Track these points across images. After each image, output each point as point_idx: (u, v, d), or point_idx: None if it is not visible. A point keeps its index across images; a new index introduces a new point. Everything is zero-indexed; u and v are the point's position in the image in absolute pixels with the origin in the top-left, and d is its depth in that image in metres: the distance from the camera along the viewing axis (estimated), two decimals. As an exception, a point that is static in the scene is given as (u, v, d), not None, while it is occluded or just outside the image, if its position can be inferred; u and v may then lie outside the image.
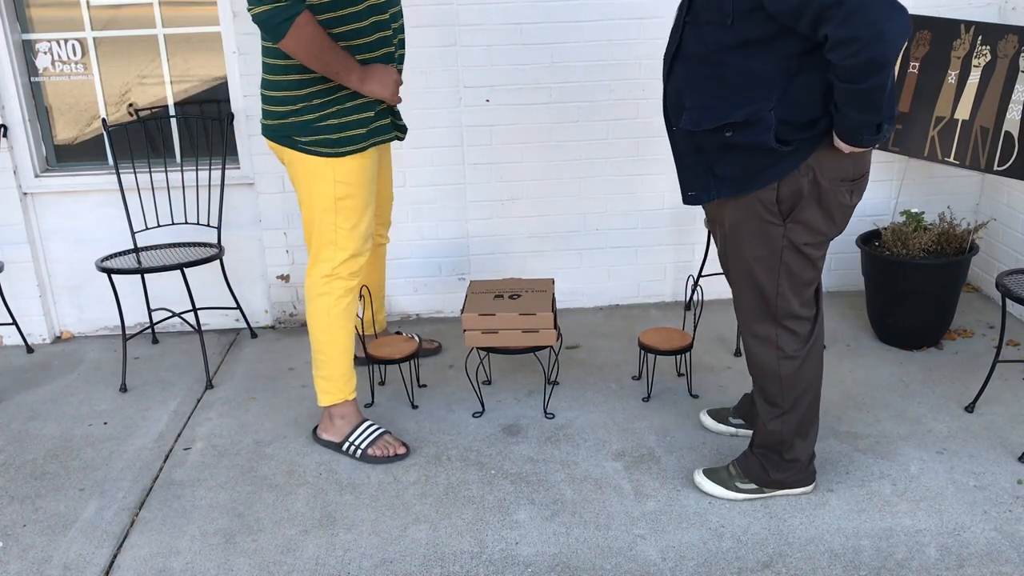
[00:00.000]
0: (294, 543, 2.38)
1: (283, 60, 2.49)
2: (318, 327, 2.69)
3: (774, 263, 2.23)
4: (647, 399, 3.05)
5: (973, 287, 3.91)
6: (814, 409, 2.39)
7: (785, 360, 2.32)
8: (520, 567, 2.25)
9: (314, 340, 2.71)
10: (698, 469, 2.58)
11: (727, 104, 2.10)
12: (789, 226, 2.19)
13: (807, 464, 2.44)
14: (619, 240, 3.83)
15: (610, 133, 3.66)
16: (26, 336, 3.74)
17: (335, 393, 2.74)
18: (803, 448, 2.41)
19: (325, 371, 2.72)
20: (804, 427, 2.39)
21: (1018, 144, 3.06)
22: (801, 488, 2.47)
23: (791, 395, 2.34)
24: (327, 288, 2.65)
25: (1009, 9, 3.57)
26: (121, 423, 3.06)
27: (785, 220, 2.18)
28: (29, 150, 3.58)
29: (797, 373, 2.32)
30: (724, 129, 2.12)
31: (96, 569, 2.31)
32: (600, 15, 3.52)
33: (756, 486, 2.46)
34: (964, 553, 2.23)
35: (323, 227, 2.61)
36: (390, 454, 2.73)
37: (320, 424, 2.84)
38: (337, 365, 2.71)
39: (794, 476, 2.43)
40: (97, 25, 3.54)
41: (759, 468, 2.44)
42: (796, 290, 2.27)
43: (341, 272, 2.65)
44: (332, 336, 2.68)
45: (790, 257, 2.22)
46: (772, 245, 2.22)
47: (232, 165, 3.67)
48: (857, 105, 1.97)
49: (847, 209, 2.22)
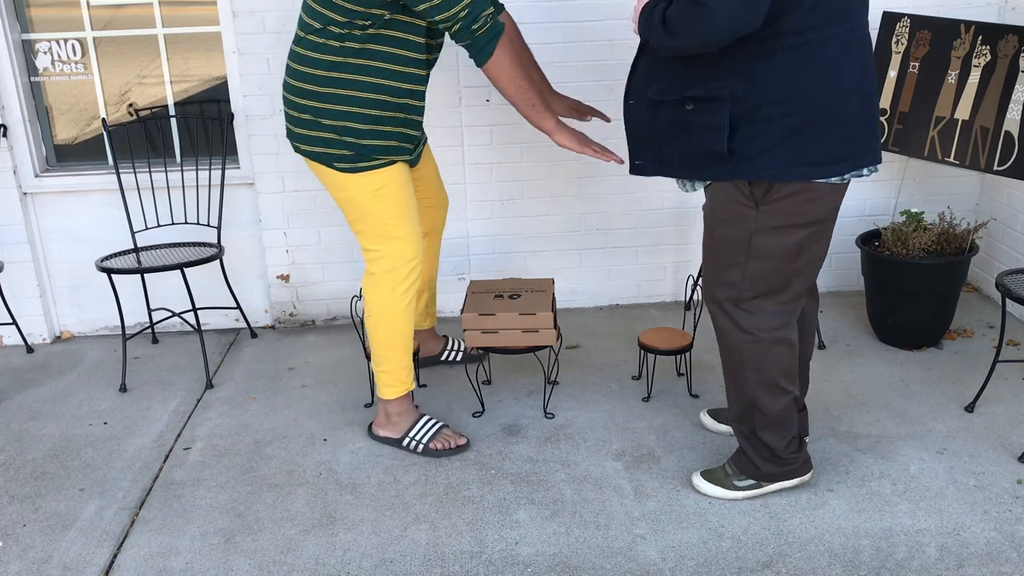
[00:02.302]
0: (294, 543, 2.38)
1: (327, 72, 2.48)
2: (382, 321, 2.67)
3: (744, 246, 2.25)
4: (647, 399, 3.05)
5: (973, 287, 3.91)
6: (779, 395, 2.37)
7: (750, 344, 2.32)
8: (520, 567, 2.25)
9: (376, 335, 2.69)
10: (696, 472, 2.58)
11: (691, 79, 2.14)
12: (761, 209, 2.20)
13: (791, 454, 2.44)
14: (619, 240, 3.83)
15: (610, 133, 3.66)
16: (26, 336, 3.74)
17: (398, 387, 2.75)
18: (772, 437, 2.40)
19: (387, 365, 2.72)
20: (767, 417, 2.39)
21: (1018, 144, 3.06)
22: (796, 479, 2.48)
23: (751, 374, 2.34)
24: (389, 282, 2.64)
25: (1009, 9, 3.57)
26: (121, 423, 3.06)
27: (758, 204, 2.20)
28: (29, 150, 3.58)
29: (764, 358, 2.32)
30: (685, 102, 2.14)
31: (96, 569, 2.31)
32: (600, 15, 3.52)
33: (753, 481, 2.47)
34: (964, 553, 2.23)
35: (372, 220, 2.59)
36: (451, 446, 2.75)
37: (376, 421, 2.84)
38: (400, 358, 2.72)
39: (785, 468, 2.45)
40: (97, 25, 3.54)
41: (750, 462, 2.45)
42: (766, 278, 2.27)
43: (400, 268, 2.63)
44: (396, 329, 2.68)
45: (761, 241, 2.23)
46: (745, 227, 2.23)
47: (232, 165, 3.67)
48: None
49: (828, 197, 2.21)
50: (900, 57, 3.39)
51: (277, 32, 3.46)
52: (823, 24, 2.05)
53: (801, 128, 2.09)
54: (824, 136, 2.10)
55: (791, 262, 2.25)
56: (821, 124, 2.09)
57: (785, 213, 2.19)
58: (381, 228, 2.59)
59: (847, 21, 2.08)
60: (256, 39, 3.46)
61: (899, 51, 3.40)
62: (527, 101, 2.49)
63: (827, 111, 2.09)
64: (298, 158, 3.62)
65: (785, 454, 2.42)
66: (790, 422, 2.39)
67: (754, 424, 2.39)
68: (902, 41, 3.39)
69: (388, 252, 2.61)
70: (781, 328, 2.31)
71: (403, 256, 2.62)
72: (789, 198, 2.17)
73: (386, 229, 2.59)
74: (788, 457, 2.43)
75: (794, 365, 2.37)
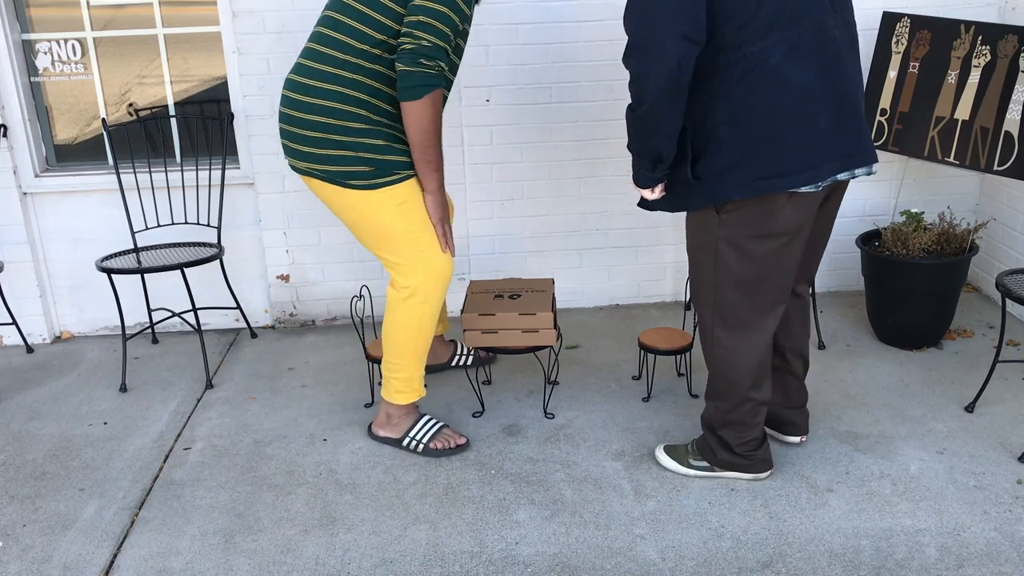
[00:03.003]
0: (294, 543, 2.38)
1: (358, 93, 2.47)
2: (409, 332, 2.64)
3: (710, 254, 2.29)
4: (647, 399, 3.05)
5: (973, 287, 3.91)
6: (742, 402, 2.42)
7: (717, 347, 2.39)
8: (520, 567, 2.25)
9: (397, 344, 2.66)
10: (660, 444, 2.70)
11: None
12: (723, 218, 2.22)
13: (748, 452, 2.48)
14: (619, 240, 3.83)
15: (610, 133, 3.66)
16: (26, 336, 3.74)
17: (411, 393, 2.74)
18: (730, 434, 2.46)
19: (404, 373, 2.71)
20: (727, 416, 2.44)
21: (1018, 144, 3.06)
22: (750, 475, 2.53)
23: (720, 379, 2.43)
24: (422, 295, 2.60)
25: (1009, 9, 3.57)
26: (121, 423, 3.06)
27: (719, 212, 2.21)
28: (29, 150, 3.58)
29: (728, 362, 2.39)
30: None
31: (96, 569, 2.31)
32: (600, 15, 3.52)
33: (707, 464, 2.55)
34: (964, 553, 2.23)
35: (400, 236, 2.55)
36: (451, 446, 2.75)
37: (376, 421, 2.84)
38: (418, 367, 2.72)
39: (741, 462, 2.50)
40: (97, 25, 3.54)
41: (708, 447, 2.53)
42: (739, 287, 2.29)
43: (433, 280, 2.60)
44: (421, 340, 2.67)
45: (726, 250, 2.25)
46: (709, 234, 2.27)
47: (232, 165, 3.67)
48: (630, 130, 2.18)
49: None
50: (900, 57, 3.39)
51: (277, 32, 3.46)
52: (761, 35, 2.04)
53: (751, 142, 2.10)
54: (776, 147, 2.09)
55: (759, 277, 2.27)
56: (770, 136, 2.08)
57: (747, 226, 2.20)
58: (411, 241, 2.55)
59: (792, 27, 2.05)
60: (256, 39, 3.46)
61: (899, 51, 3.40)
62: (429, 153, 2.49)
63: (774, 123, 2.08)
64: (298, 158, 3.62)
65: (741, 450, 2.48)
66: (749, 425, 2.45)
67: (713, 422, 2.49)
68: (902, 41, 3.39)
69: (421, 265, 2.57)
70: (751, 340, 2.36)
71: (435, 268, 2.59)
72: (747, 210, 2.18)
73: (416, 242, 2.56)
74: (744, 454, 2.49)
75: (763, 376, 2.41)
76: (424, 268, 2.58)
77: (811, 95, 2.08)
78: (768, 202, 2.16)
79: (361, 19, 2.42)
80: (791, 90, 2.06)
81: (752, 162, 2.10)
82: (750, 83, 2.06)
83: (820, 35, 2.09)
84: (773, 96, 2.06)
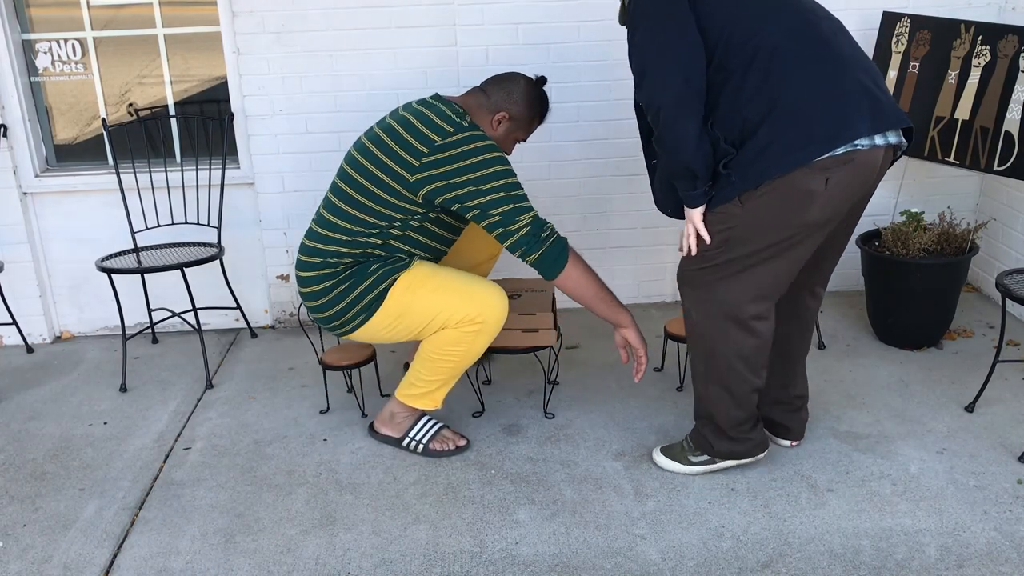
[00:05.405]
0: (294, 543, 2.38)
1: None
2: (454, 358, 2.61)
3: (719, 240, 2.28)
4: (680, 388, 3.09)
5: (973, 287, 3.91)
6: (733, 384, 2.40)
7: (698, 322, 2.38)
8: (520, 567, 2.25)
9: (436, 364, 2.63)
10: (656, 447, 2.67)
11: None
12: (746, 207, 2.20)
13: (743, 434, 2.47)
14: (619, 240, 3.83)
15: (610, 133, 3.66)
16: (26, 336, 3.74)
17: (430, 403, 2.73)
18: (726, 419, 2.45)
19: (433, 387, 2.69)
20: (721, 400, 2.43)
21: (1018, 144, 3.06)
22: (750, 458, 2.54)
23: (709, 361, 2.40)
24: (484, 336, 2.58)
25: (1009, 9, 3.57)
26: (121, 423, 3.06)
27: (742, 201, 2.20)
28: (29, 150, 3.58)
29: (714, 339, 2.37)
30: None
31: (96, 569, 2.31)
32: (600, 15, 3.52)
33: (708, 457, 2.55)
34: (964, 553, 2.23)
35: (430, 309, 2.55)
36: (451, 447, 2.74)
37: (378, 419, 2.84)
38: (448, 385, 2.71)
39: (738, 447, 2.50)
40: (97, 25, 3.54)
41: (704, 438, 2.52)
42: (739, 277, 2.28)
43: (491, 320, 2.57)
44: (460, 367, 2.64)
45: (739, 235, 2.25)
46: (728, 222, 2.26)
47: (232, 165, 3.67)
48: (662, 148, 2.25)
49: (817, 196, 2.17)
50: (900, 57, 3.39)
51: (277, 32, 3.46)
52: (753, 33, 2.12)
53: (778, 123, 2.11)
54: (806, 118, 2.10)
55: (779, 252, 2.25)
56: (796, 111, 2.10)
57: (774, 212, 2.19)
58: (455, 298, 2.53)
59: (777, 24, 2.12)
60: (256, 39, 3.46)
61: (899, 51, 3.40)
62: (605, 297, 2.56)
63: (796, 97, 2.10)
64: (297, 157, 3.62)
65: (734, 433, 2.48)
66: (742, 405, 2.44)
67: (720, 421, 2.47)
68: (902, 41, 3.39)
69: (476, 314, 2.53)
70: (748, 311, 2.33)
71: (490, 310, 2.55)
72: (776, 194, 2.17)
73: (458, 296, 2.54)
74: (738, 436, 2.48)
75: (760, 359, 2.39)
76: (483, 313, 2.54)
77: (823, 68, 2.10)
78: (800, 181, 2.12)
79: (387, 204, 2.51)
80: (802, 67, 2.10)
81: (785, 138, 2.11)
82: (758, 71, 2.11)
83: (806, 25, 2.15)
84: (786, 76, 2.09)
